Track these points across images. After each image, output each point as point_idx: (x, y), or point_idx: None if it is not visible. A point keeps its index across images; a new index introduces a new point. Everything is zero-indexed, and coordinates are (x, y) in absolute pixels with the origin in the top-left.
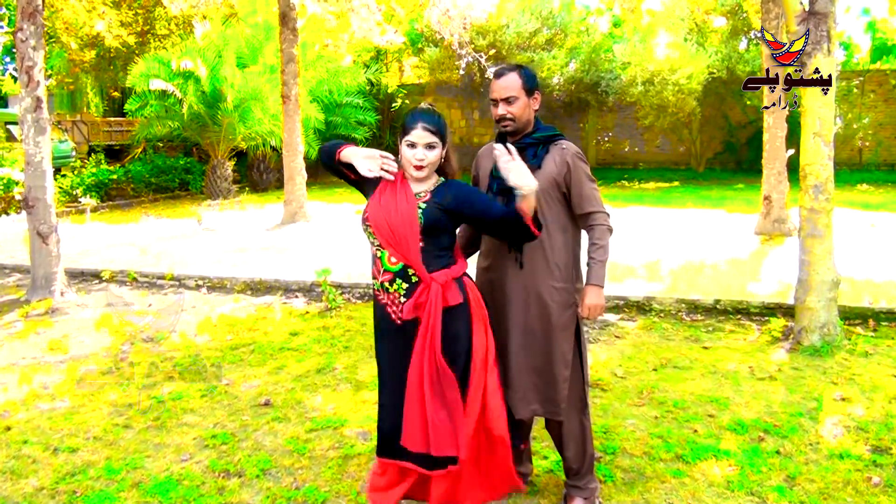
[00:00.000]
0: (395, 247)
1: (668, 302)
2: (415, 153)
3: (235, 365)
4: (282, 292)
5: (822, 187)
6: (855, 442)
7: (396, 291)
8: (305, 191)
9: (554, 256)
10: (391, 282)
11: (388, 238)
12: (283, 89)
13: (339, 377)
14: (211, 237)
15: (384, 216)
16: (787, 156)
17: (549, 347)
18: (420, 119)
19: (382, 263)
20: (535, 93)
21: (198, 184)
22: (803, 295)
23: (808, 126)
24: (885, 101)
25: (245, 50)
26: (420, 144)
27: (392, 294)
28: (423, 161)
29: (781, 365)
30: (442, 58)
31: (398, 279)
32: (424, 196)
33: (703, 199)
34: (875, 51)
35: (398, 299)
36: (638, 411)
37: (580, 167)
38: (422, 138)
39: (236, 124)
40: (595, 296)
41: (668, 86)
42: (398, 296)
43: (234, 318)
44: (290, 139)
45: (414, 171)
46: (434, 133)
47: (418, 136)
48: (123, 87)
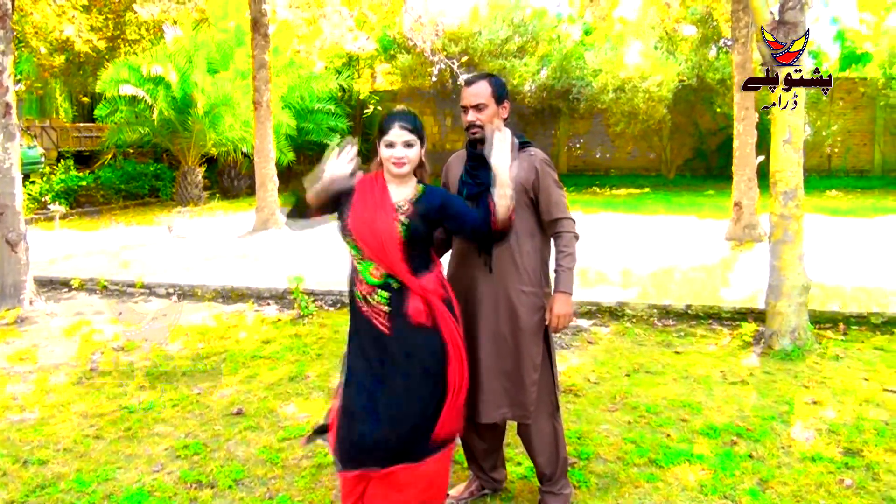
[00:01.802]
0: (379, 259)
1: (640, 307)
2: (393, 152)
3: (207, 374)
4: (254, 300)
5: (792, 194)
6: (827, 445)
7: (379, 303)
8: (277, 197)
9: (523, 261)
10: (372, 293)
11: (372, 249)
12: (255, 95)
13: (311, 385)
14: (181, 244)
15: (368, 226)
16: (756, 162)
17: (518, 351)
18: (397, 119)
19: (363, 275)
20: (504, 101)
21: (168, 190)
22: (774, 300)
23: (777, 133)
24: (853, 108)
25: (216, 55)
26: (398, 143)
27: (374, 306)
28: (403, 159)
29: (753, 369)
30: (414, 64)
31: (380, 290)
32: (406, 208)
33: (673, 205)
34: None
35: (381, 310)
36: (611, 416)
37: (548, 173)
38: (399, 136)
39: (207, 130)
40: (563, 304)
41: (639, 93)
42: (381, 307)
43: (206, 326)
44: (261, 145)
45: (395, 168)
46: (411, 131)
47: (396, 135)
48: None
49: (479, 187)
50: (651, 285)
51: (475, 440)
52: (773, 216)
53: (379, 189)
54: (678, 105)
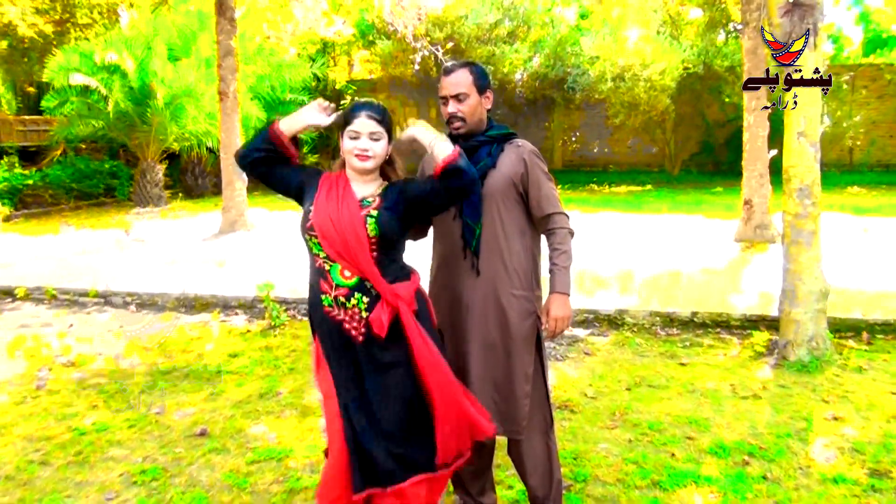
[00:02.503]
0: (347, 258)
1: (641, 315)
2: (357, 143)
3: (168, 391)
4: (220, 309)
5: (807, 191)
6: (850, 465)
7: (356, 307)
8: (246, 197)
9: (512, 262)
10: (348, 297)
11: (338, 249)
12: (221, 85)
13: (283, 403)
14: (140, 249)
15: (332, 223)
16: (769, 157)
17: (509, 360)
18: (363, 108)
19: (333, 278)
20: (486, 91)
21: (125, 190)
22: (788, 306)
23: (791, 125)
24: (878, 97)
25: (177, 41)
26: (364, 134)
27: (351, 310)
28: (368, 151)
29: (766, 382)
30: (395, 51)
31: (356, 293)
32: (374, 202)
33: (678, 203)
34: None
35: (359, 315)
36: (610, 434)
37: (537, 165)
38: (365, 127)
39: (168, 123)
40: (561, 305)
41: (640, 82)
42: (358, 311)
43: (167, 338)
44: (228, 140)
45: (357, 161)
46: (379, 122)
47: (362, 125)
48: (40, 81)
49: None
50: (654, 291)
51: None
52: (786, 215)
53: (343, 186)
54: (683, 95)
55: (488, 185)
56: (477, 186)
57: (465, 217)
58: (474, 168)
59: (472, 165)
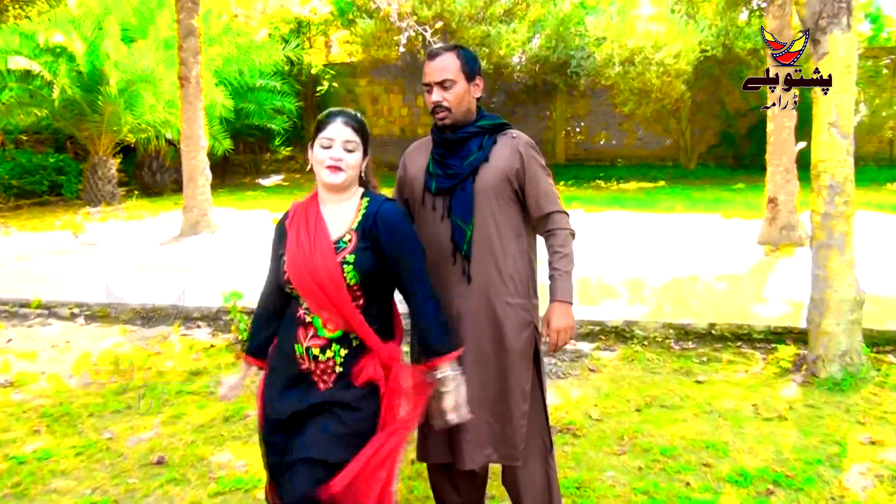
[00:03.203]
0: (329, 311)
1: (652, 327)
2: (330, 153)
3: (121, 414)
4: (181, 321)
5: (839, 188)
6: (890, 495)
7: (332, 359)
8: (210, 195)
9: (507, 267)
10: (323, 349)
11: (319, 302)
12: (182, 69)
13: (251, 427)
14: (91, 253)
15: (307, 274)
16: (796, 150)
17: (504, 376)
18: (339, 114)
19: (316, 329)
20: (476, 77)
21: (73, 187)
22: (818, 317)
23: (821, 114)
24: None
25: (132, 21)
26: (337, 142)
27: (324, 363)
28: (341, 162)
29: (793, 402)
30: (378, 31)
31: (335, 345)
32: (350, 241)
33: (694, 201)
34: None
35: (332, 369)
36: (618, 461)
37: (534, 159)
38: (340, 134)
39: (122, 113)
40: (563, 315)
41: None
42: (333, 365)
43: (120, 354)
44: (190, 131)
45: (328, 175)
46: (356, 130)
47: (336, 132)
48: None
49: (451, 179)
50: (667, 300)
51: (451, 494)
52: (815, 215)
53: (314, 217)
54: (700, 80)
55: (480, 182)
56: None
57: (454, 217)
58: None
59: (462, 160)
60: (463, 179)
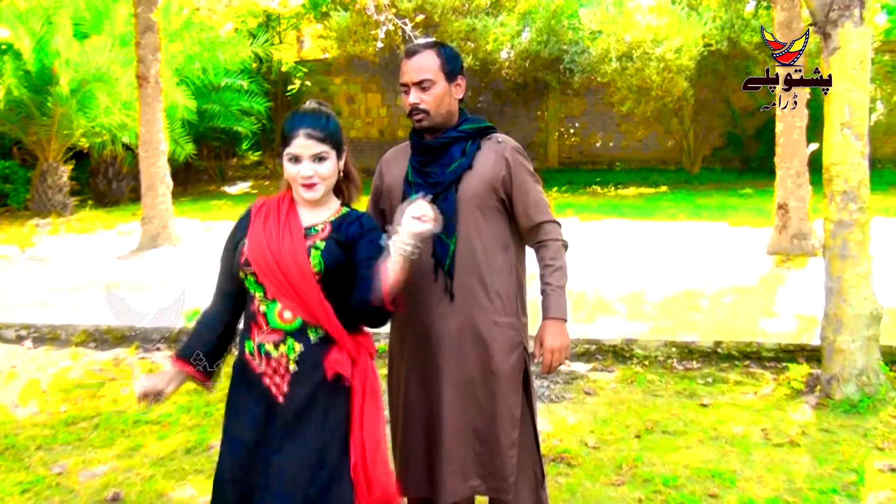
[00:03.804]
0: (290, 296)
1: (654, 346)
2: (300, 170)
3: (72, 446)
4: (138, 344)
5: (853, 193)
6: None
7: (285, 355)
8: (171, 204)
9: (493, 283)
10: (278, 343)
11: (279, 284)
12: (139, 67)
13: (215, 459)
14: (39, 270)
15: (270, 254)
16: (808, 152)
17: (492, 402)
18: (302, 123)
19: (268, 320)
20: (457, 77)
21: (21, 196)
22: (832, 333)
23: (833, 114)
24: None
25: (85, 15)
26: (305, 157)
27: (275, 360)
28: (313, 178)
29: (806, 426)
30: (354, 25)
31: (290, 339)
32: (323, 230)
33: (698, 208)
34: None
35: (284, 367)
36: (616, 493)
37: (522, 165)
38: (306, 148)
39: (74, 115)
40: (557, 334)
41: (652, 62)
42: (285, 362)
43: (72, 380)
44: (149, 134)
45: (305, 192)
46: (322, 140)
47: (301, 147)
48: None
49: (433, 188)
50: (669, 316)
51: None
52: (827, 222)
53: (286, 209)
54: (704, 77)
55: (464, 191)
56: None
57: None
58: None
59: (444, 168)
60: (445, 189)
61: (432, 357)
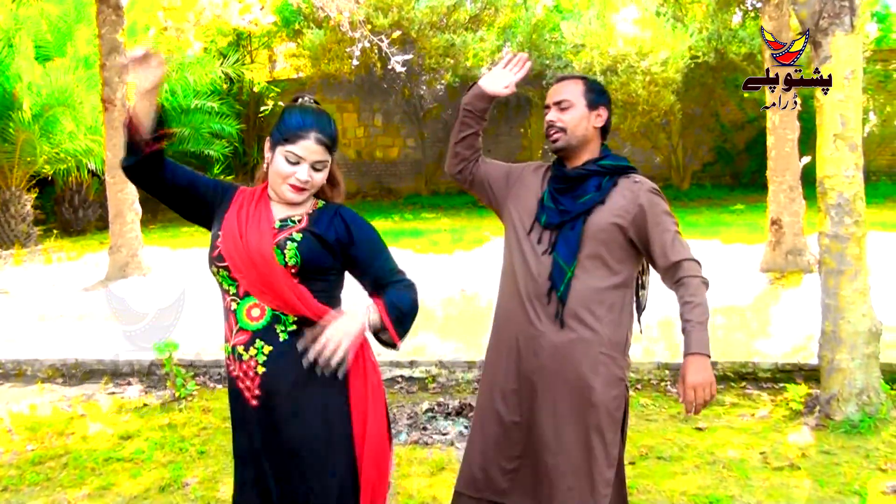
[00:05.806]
0: (259, 289)
1: (646, 369)
2: (297, 172)
3: (40, 486)
4: (108, 378)
5: (847, 206)
6: None
7: (254, 358)
8: (140, 232)
9: (603, 317)
10: (247, 345)
11: (249, 278)
12: (105, 90)
13: (191, 497)
14: (2, 303)
15: (241, 246)
16: (801, 165)
17: (586, 437)
18: (313, 125)
19: (237, 318)
20: (599, 107)
21: None
22: (831, 352)
23: (825, 125)
24: None
25: (48, 36)
26: (307, 161)
27: (246, 362)
28: (307, 184)
29: (805, 448)
30: (328, 43)
31: (259, 340)
32: (300, 221)
33: (689, 225)
34: None
35: (254, 370)
36: None
37: (658, 206)
38: (313, 153)
39: (37, 141)
40: (700, 369)
41: (637, 75)
42: (255, 364)
43: (38, 418)
44: (115, 160)
45: (292, 194)
46: (328, 148)
47: (308, 151)
48: None
49: (562, 216)
50: (660, 337)
51: None
52: (822, 237)
53: (258, 200)
54: (691, 90)
55: (591, 224)
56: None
57: (557, 255)
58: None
59: (576, 199)
60: (573, 218)
61: (530, 381)
